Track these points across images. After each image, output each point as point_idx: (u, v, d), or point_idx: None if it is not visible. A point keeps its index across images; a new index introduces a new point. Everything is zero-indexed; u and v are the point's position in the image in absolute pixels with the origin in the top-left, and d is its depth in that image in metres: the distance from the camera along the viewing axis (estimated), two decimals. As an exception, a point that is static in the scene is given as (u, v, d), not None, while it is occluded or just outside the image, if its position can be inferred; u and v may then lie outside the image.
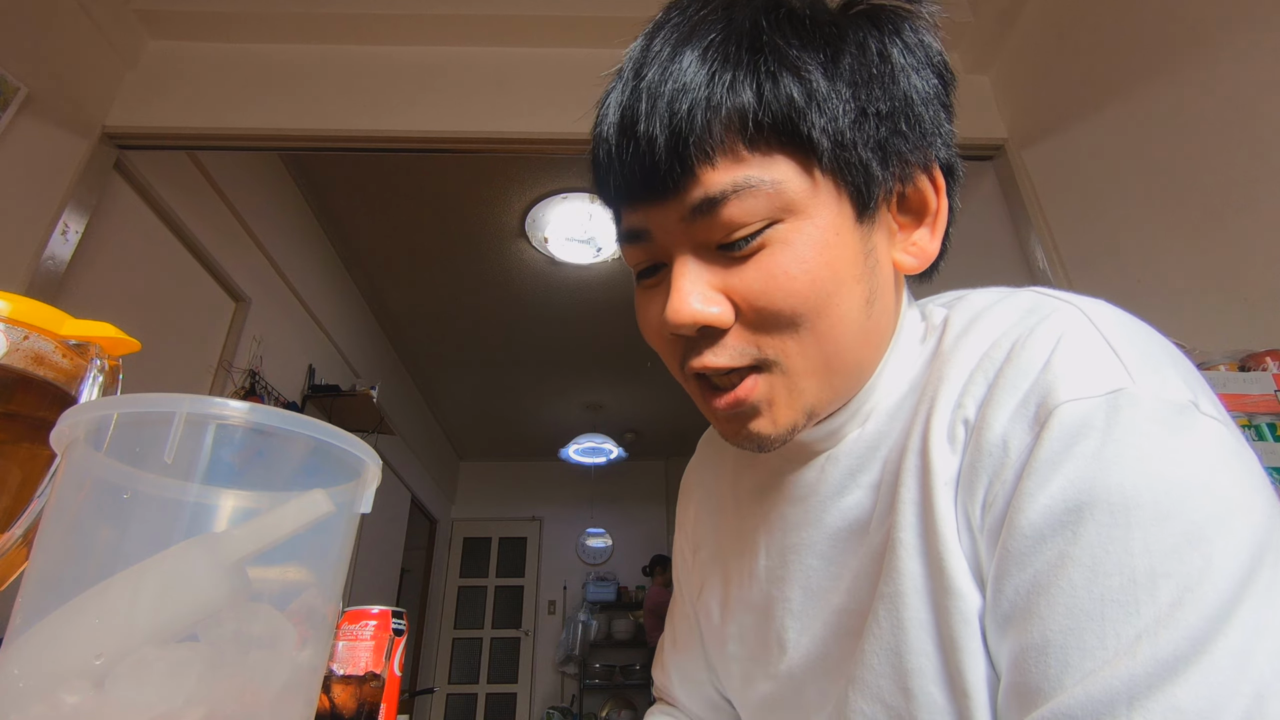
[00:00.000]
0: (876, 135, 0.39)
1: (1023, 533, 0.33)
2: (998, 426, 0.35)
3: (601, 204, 0.47)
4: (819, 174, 0.39)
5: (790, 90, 0.37)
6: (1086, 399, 0.33)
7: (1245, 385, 0.93)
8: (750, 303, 0.39)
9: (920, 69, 0.42)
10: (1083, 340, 0.35)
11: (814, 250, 0.39)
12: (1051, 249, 1.76)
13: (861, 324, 0.41)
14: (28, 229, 1.64)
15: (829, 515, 0.46)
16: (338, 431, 0.37)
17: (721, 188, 0.38)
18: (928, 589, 0.37)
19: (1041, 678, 0.31)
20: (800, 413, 0.42)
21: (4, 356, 0.40)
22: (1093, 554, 0.30)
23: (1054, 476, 0.32)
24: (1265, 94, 1.19)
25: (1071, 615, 0.30)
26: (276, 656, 0.35)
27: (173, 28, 2.01)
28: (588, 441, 4.94)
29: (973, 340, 0.40)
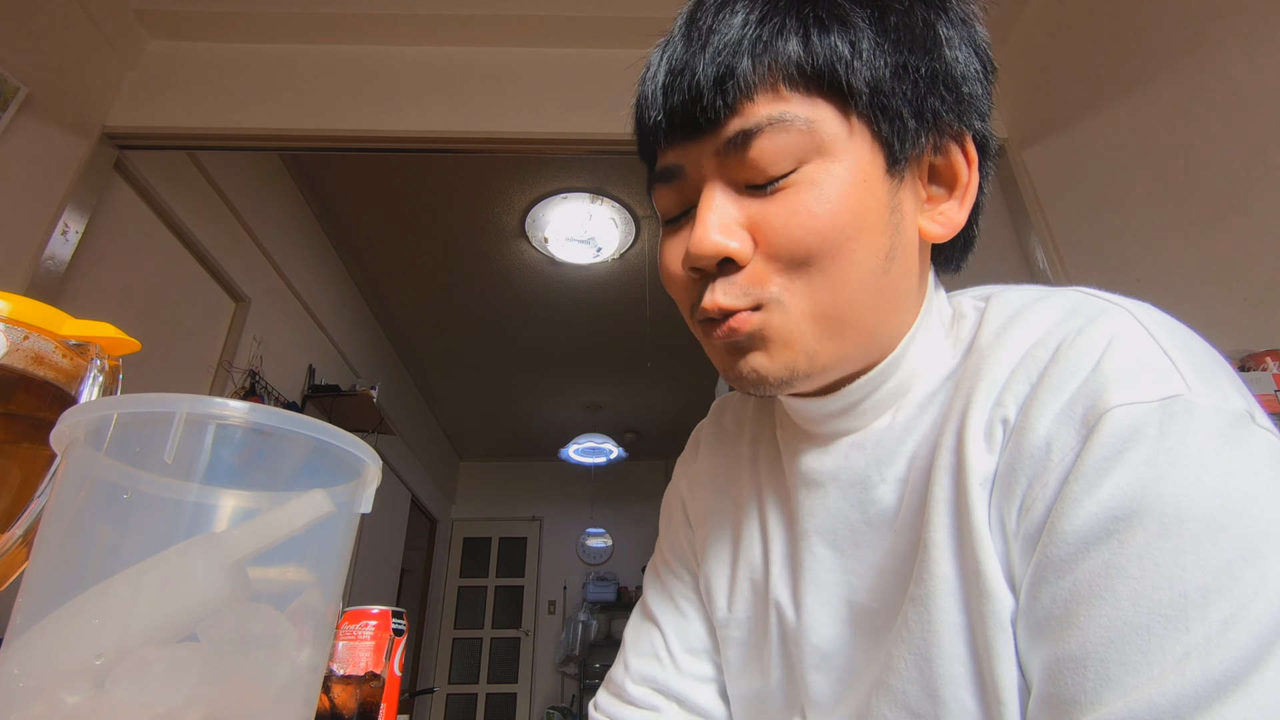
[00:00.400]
0: (915, 91, 0.40)
1: (1065, 539, 0.32)
2: (1041, 428, 0.34)
3: (640, 152, 0.47)
4: (855, 120, 0.39)
5: (835, 39, 0.38)
6: (1140, 404, 0.32)
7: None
8: (769, 238, 0.39)
9: (963, 45, 0.43)
10: (1135, 343, 0.34)
11: (840, 191, 0.39)
12: (1051, 249, 1.76)
13: (877, 278, 0.40)
14: (28, 229, 1.64)
15: (849, 505, 0.45)
16: (338, 431, 0.37)
17: (758, 120, 0.38)
18: (960, 592, 0.36)
19: (1078, 690, 0.29)
20: (800, 354, 0.41)
21: (4, 356, 0.40)
22: (1141, 565, 0.29)
23: (1103, 483, 0.31)
24: (1266, 94, 1.19)
25: (1114, 628, 0.29)
26: (276, 656, 0.35)
27: (173, 28, 2.01)
28: (588, 441, 4.94)
29: (1014, 337, 0.38)
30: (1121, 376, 0.33)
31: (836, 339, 0.41)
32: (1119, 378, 0.33)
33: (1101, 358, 0.34)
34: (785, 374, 0.41)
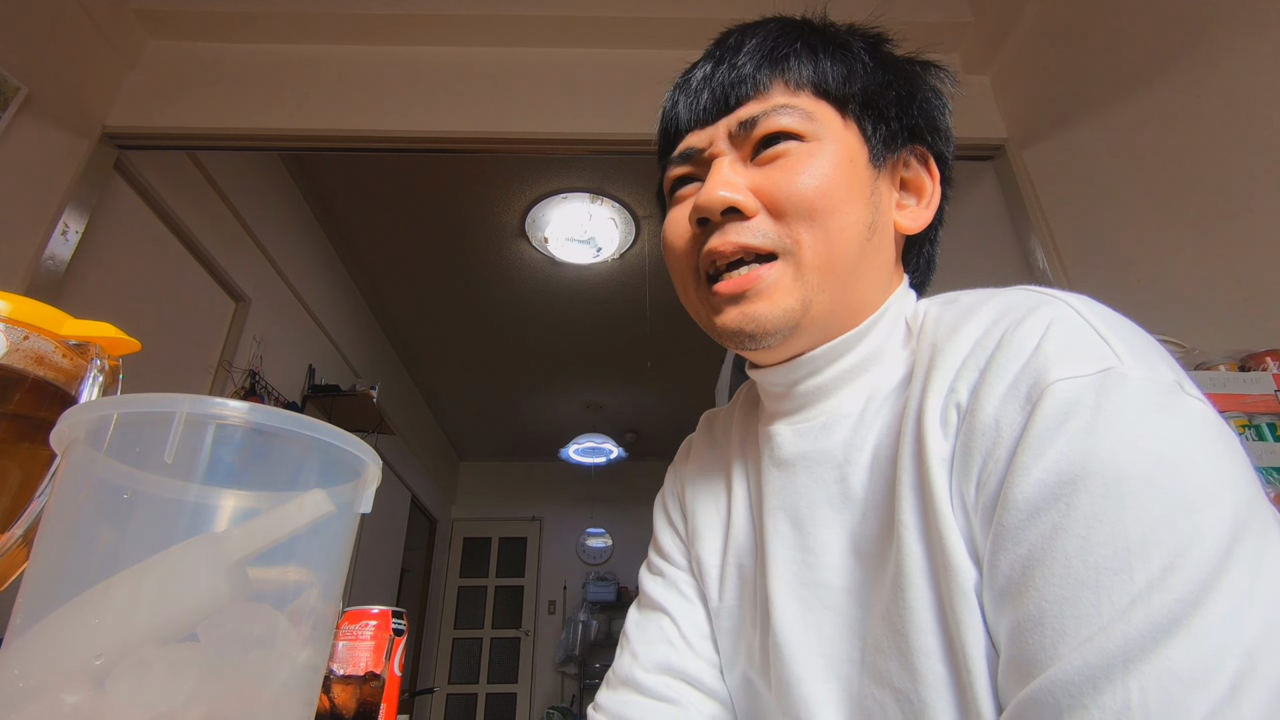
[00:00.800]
0: (897, 103, 0.51)
1: (1017, 506, 0.34)
2: (990, 407, 0.37)
3: (660, 149, 0.55)
4: (848, 118, 0.49)
5: (837, 61, 0.49)
6: (1077, 378, 0.35)
7: (1245, 385, 0.92)
8: (772, 195, 0.46)
9: (934, 93, 0.54)
10: (1071, 327, 0.37)
11: (831, 164, 0.47)
12: (1051, 249, 1.76)
13: (863, 242, 0.47)
14: (28, 229, 1.64)
15: (814, 484, 0.48)
16: (338, 431, 0.37)
17: (768, 107, 0.48)
18: (928, 568, 0.39)
19: (1038, 648, 0.31)
20: (798, 300, 0.46)
21: (4, 356, 0.40)
22: (1086, 524, 0.31)
23: (1047, 451, 0.34)
24: (1265, 94, 1.19)
25: (1066, 585, 0.31)
26: (276, 656, 0.35)
27: (173, 28, 2.01)
28: (588, 441, 4.94)
29: (964, 333, 0.42)
30: (1060, 355, 0.36)
31: (829, 290, 0.46)
32: (1057, 356, 0.36)
33: (1041, 340, 0.37)
34: (781, 320, 0.46)
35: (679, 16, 2.01)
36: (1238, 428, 0.90)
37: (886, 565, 0.41)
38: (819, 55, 0.49)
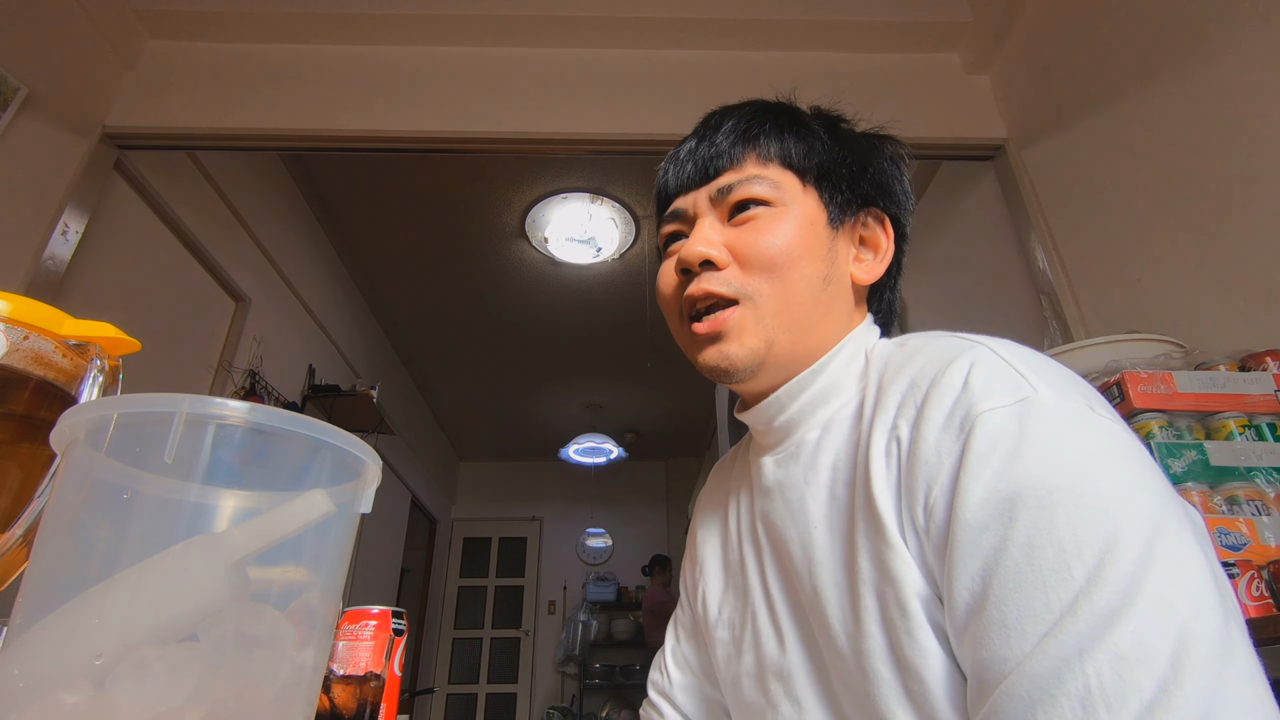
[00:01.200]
0: (850, 175, 0.59)
1: (967, 524, 0.39)
2: (930, 439, 0.43)
3: (658, 209, 0.64)
4: (809, 186, 0.58)
5: (799, 140, 0.58)
6: (1001, 407, 0.41)
7: (1245, 385, 0.92)
8: (741, 251, 0.55)
9: (890, 163, 0.62)
10: (991, 365, 0.44)
11: (793, 227, 0.55)
12: (1051, 249, 1.76)
13: (819, 292, 0.56)
14: (28, 229, 1.64)
15: (787, 509, 0.55)
16: (338, 431, 0.37)
17: (742, 177, 0.57)
18: (874, 580, 0.45)
19: (1004, 647, 0.35)
20: (761, 338, 0.54)
21: (4, 356, 0.40)
22: (1029, 534, 0.36)
23: (983, 473, 0.39)
24: (1265, 94, 1.19)
25: (1019, 588, 0.36)
26: (276, 656, 0.35)
27: (173, 28, 2.01)
28: (588, 441, 4.94)
29: (905, 373, 0.49)
30: (985, 389, 0.42)
31: (789, 332, 0.54)
32: (983, 391, 0.42)
33: (967, 379, 0.43)
34: (749, 360, 0.54)
35: (679, 16, 2.02)
36: (1238, 428, 0.90)
37: (842, 580, 0.48)
38: (784, 134, 0.58)
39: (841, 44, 2.07)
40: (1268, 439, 0.88)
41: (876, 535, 0.45)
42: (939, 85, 2.06)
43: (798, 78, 2.15)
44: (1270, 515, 0.82)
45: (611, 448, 4.98)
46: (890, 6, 2.04)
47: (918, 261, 2.46)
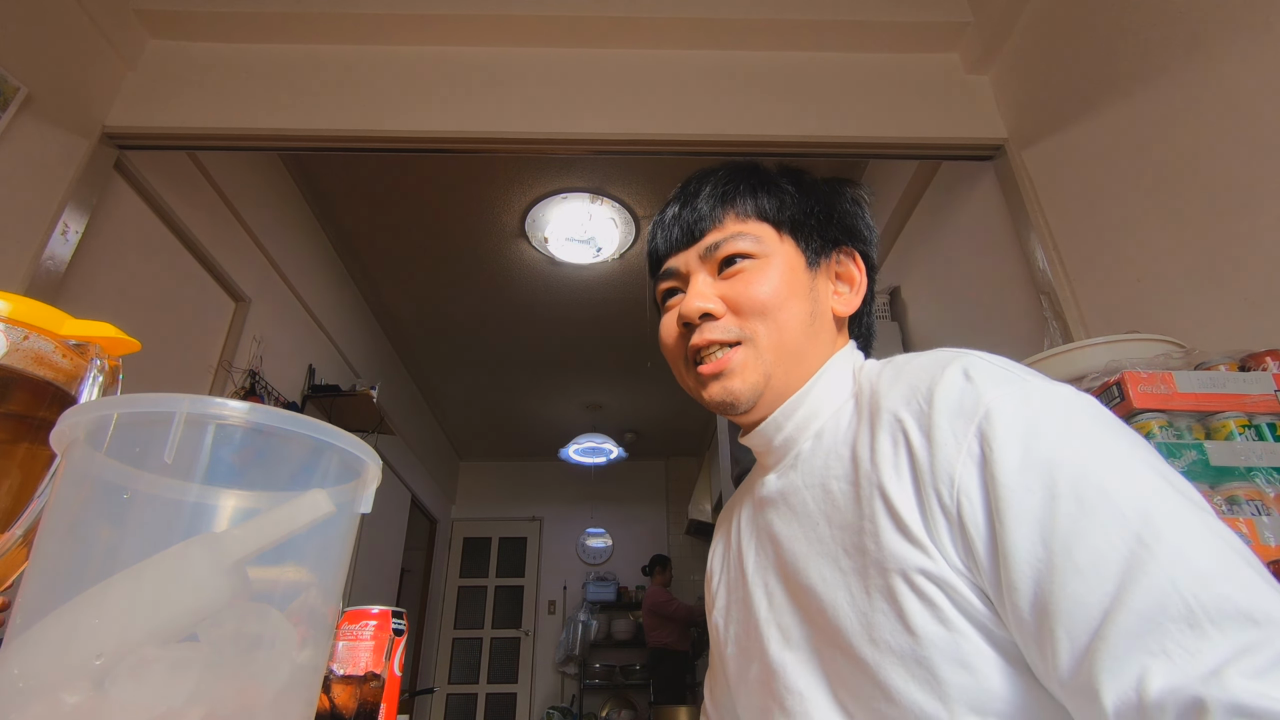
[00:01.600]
0: (819, 222, 0.66)
1: (1011, 490, 0.43)
2: (944, 426, 0.47)
3: (650, 268, 0.71)
4: (784, 235, 0.65)
5: (771, 197, 0.65)
6: (1008, 394, 0.46)
7: (1245, 385, 0.92)
8: (735, 301, 0.62)
9: (851, 205, 0.69)
10: (984, 363, 0.50)
11: (776, 275, 0.62)
12: (1051, 249, 1.76)
13: (806, 327, 0.62)
14: (28, 229, 1.64)
15: (789, 510, 0.60)
16: (338, 431, 0.37)
17: (725, 235, 0.64)
18: (883, 559, 0.48)
19: (1086, 590, 0.39)
20: (761, 373, 0.61)
21: (4, 356, 0.40)
22: (1072, 488, 0.41)
23: (1011, 447, 0.44)
24: (1265, 94, 1.19)
25: (1082, 535, 0.40)
26: (276, 656, 0.35)
27: (173, 28, 2.01)
28: (588, 441, 4.94)
29: (902, 381, 0.54)
30: (987, 382, 0.48)
31: (784, 365, 0.61)
32: (986, 383, 0.48)
33: (968, 374, 0.49)
34: (751, 393, 0.61)
35: (679, 16, 2.01)
36: (1238, 428, 0.90)
37: (850, 563, 0.52)
38: (757, 192, 0.65)
39: (841, 44, 2.07)
40: (1268, 439, 0.88)
41: (889, 520, 0.49)
42: (939, 85, 2.06)
43: (798, 77, 2.15)
44: (1270, 515, 0.82)
45: (611, 448, 4.98)
46: (890, 6, 2.04)
47: (918, 262, 2.46)
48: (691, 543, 5.85)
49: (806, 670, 0.54)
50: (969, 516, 0.45)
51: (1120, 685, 0.36)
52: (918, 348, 2.67)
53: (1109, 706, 0.37)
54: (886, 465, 0.50)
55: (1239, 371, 0.96)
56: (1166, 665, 0.35)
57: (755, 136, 1.95)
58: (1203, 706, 0.33)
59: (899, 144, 2.00)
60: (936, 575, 0.46)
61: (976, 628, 0.45)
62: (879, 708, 0.47)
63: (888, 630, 0.47)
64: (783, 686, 0.55)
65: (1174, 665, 0.35)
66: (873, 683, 0.47)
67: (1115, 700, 0.36)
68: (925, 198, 2.37)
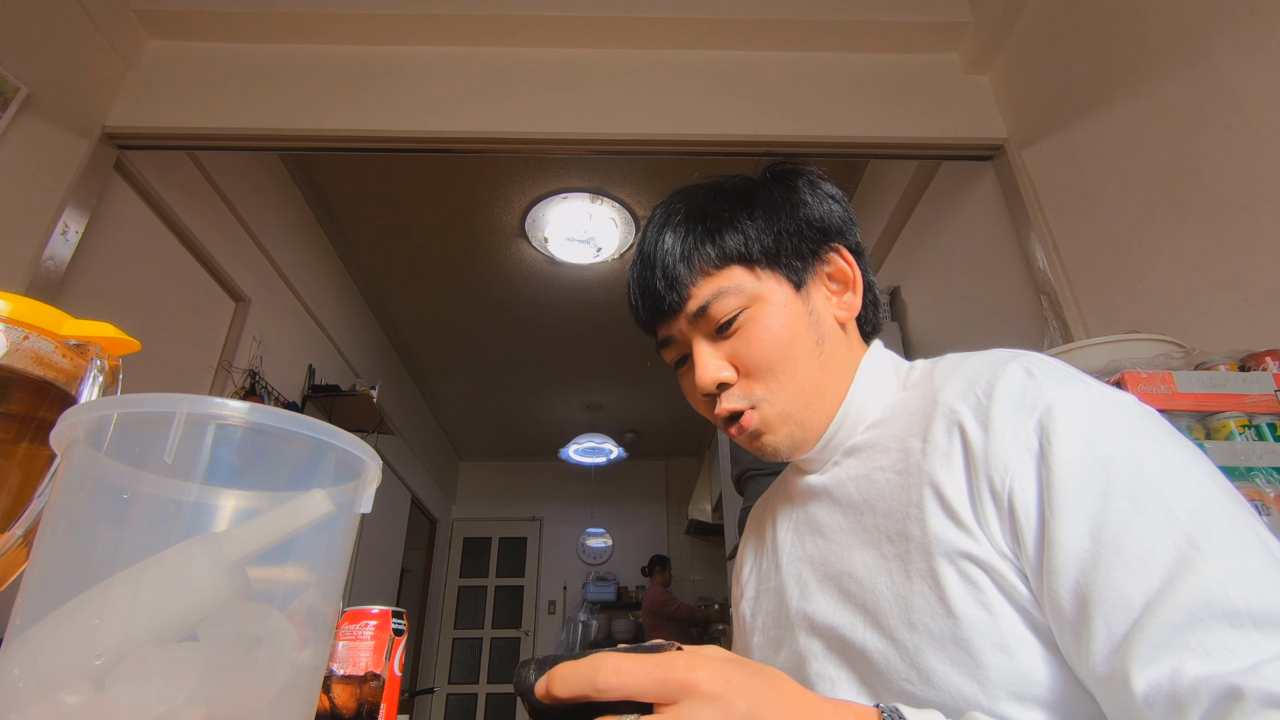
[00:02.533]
0: (790, 239, 0.62)
1: (1066, 483, 0.44)
2: (1004, 419, 0.48)
3: (638, 324, 0.68)
4: (761, 271, 0.61)
5: (730, 235, 0.60)
6: (1069, 392, 0.47)
7: (1245, 385, 0.92)
8: (742, 360, 0.60)
9: (813, 195, 0.64)
10: (1046, 363, 0.51)
11: (774, 320, 0.59)
12: (1051, 249, 1.76)
13: (816, 358, 0.60)
14: (28, 229, 1.64)
15: (835, 504, 0.60)
16: (338, 431, 0.37)
17: (705, 299, 0.60)
18: (927, 544, 0.49)
19: (1131, 584, 0.39)
20: (791, 423, 0.60)
21: (4, 356, 0.40)
22: (1128, 487, 0.42)
23: (1071, 442, 0.44)
24: (1265, 94, 1.19)
25: (1133, 531, 0.40)
26: (276, 656, 0.35)
27: (173, 28, 2.01)
28: (588, 441, 4.94)
29: (958, 377, 0.54)
30: (1050, 380, 0.48)
31: (810, 405, 0.60)
32: (1048, 381, 0.48)
33: (1030, 372, 0.49)
34: (789, 443, 0.61)
35: (679, 16, 2.01)
36: (1238, 428, 0.90)
37: (894, 549, 0.52)
38: (716, 237, 0.61)
39: (841, 44, 2.07)
40: (1268, 439, 0.88)
41: (937, 505, 0.50)
42: (939, 85, 2.06)
43: (798, 78, 2.15)
44: (1270, 515, 0.82)
45: (611, 448, 4.98)
46: (890, 6, 2.04)
47: (918, 262, 2.46)
48: (691, 542, 5.85)
49: (836, 657, 0.54)
50: (1020, 503, 0.45)
51: (1154, 674, 0.37)
52: (918, 347, 2.65)
53: (1139, 691, 0.37)
54: (938, 455, 0.51)
55: (1239, 371, 0.96)
56: (1204, 660, 0.35)
57: (755, 136, 1.95)
58: (1239, 694, 0.33)
59: (899, 144, 2.00)
60: (981, 559, 0.46)
61: (1018, 611, 0.45)
62: (913, 692, 0.47)
63: (927, 613, 0.47)
64: (813, 673, 0.56)
65: (1211, 660, 0.35)
66: (910, 666, 0.48)
67: (1146, 686, 0.37)
68: (925, 198, 2.37)
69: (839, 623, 0.55)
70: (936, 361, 0.60)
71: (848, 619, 0.54)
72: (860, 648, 0.52)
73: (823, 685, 0.55)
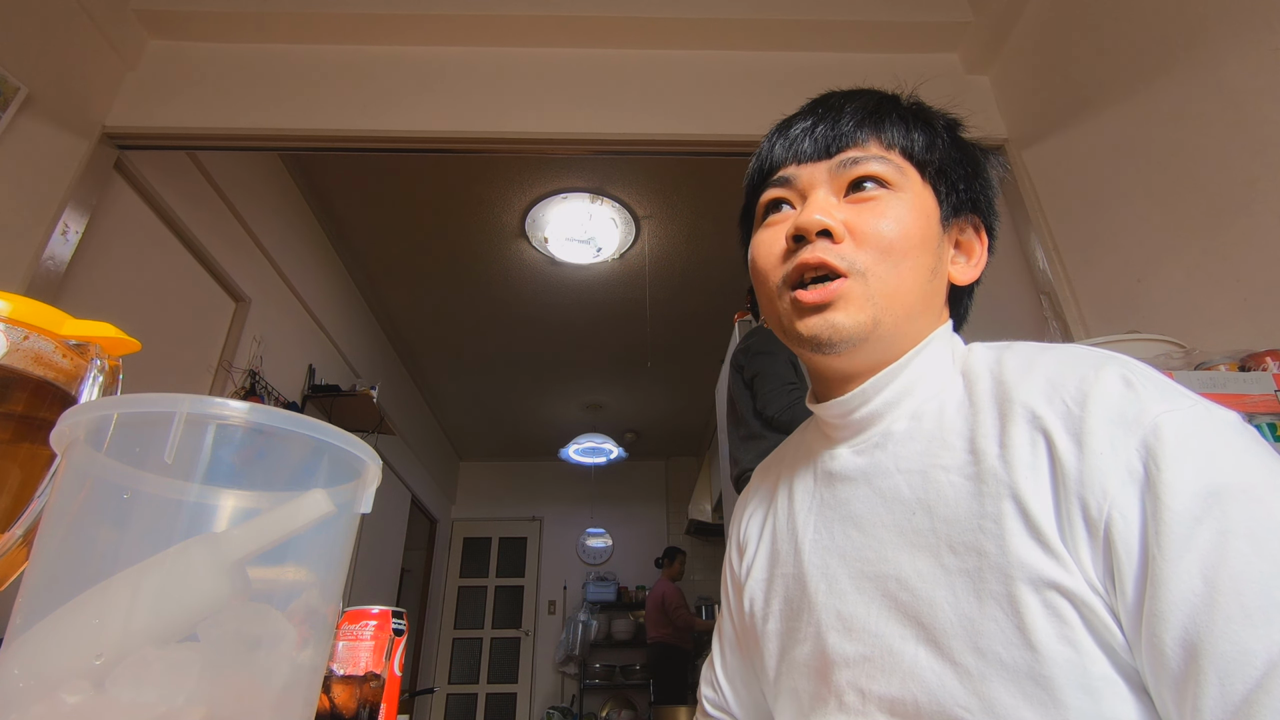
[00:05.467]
0: (964, 176, 0.60)
1: (1177, 517, 0.39)
2: (1102, 434, 0.43)
3: (753, 178, 0.64)
4: (926, 180, 0.57)
5: (923, 133, 0.58)
6: (1179, 410, 0.42)
7: (1245, 385, 0.92)
8: (860, 229, 0.54)
9: (995, 177, 0.64)
10: (1147, 373, 0.45)
11: (911, 213, 0.55)
12: (1051, 249, 1.76)
13: (925, 283, 0.55)
14: (28, 229, 1.64)
15: (874, 491, 0.54)
16: (338, 431, 0.37)
17: (869, 155, 0.56)
18: (1007, 566, 0.44)
19: (1253, 638, 0.35)
20: (870, 315, 0.53)
21: (4, 356, 0.40)
22: (1248, 526, 0.37)
23: (1184, 470, 0.40)
24: (1265, 94, 1.19)
25: (1254, 579, 0.36)
26: (276, 656, 0.35)
27: (173, 28, 2.01)
28: (588, 441, 4.93)
29: (1037, 374, 0.49)
30: (1154, 395, 0.43)
31: (892, 314, 0.54)
32: (1153, 396, 0.43)
33: (1130, 383, 0.44)
34: (855, 330, 0.53)
35: (679, 16, 2.02)
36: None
37: (959, 564, 0.47)
38: (910, 125, 0.58)
39: (841, 44, 2.07)
40: (1268, 439, 0.88)
41: (1020, 523, 0.44)
42: (939, 85, 2.06)
43: (798, 78, 2.15)
44: (1270, 515, 0.82)
45: (611, 448, 4.97)
46: (890, 6, 2.04)
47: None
48: (691, 542, 5.85)
49: (873, 668, 0.49)
50: (1119, 534, 0.41)
51: None
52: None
53: None
54: (1021, 464, 0.46)
55: (1239, 371, 0.96)
56: None
57: (756, 137, 1.95)
58: None
59: (899, 144, 2.00)
60: (1070, 590, 0.42)
61: (1106, 652, 0.41)
62: (966, 718, 0.44)
63: (1000, 641, 0.43)
64: (842, 680, 0.51)
65: None
66: (970, 693, 0.43)
67: None
68: (925, 198, 2.37)
69: (883, 631, 0.50)
70: (1002, 349, 0.54)
71: (895, 629, 0.49)
72: (910, 663, 0.47)
73: (851, 696, 0.50)
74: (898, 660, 0.48)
